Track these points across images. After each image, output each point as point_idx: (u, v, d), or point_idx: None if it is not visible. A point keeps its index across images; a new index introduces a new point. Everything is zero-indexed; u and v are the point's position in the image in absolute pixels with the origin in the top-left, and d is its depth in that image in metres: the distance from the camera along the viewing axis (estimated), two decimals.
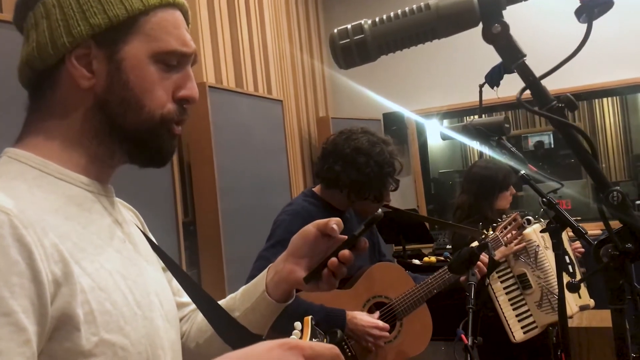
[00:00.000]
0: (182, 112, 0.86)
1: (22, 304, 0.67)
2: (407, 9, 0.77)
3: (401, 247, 4.17)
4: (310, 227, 0.99)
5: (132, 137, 0.83)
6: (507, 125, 1.60)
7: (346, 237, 0.96)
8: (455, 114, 5.39)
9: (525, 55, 0.75)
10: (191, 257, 3.01)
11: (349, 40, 0.78)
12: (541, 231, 2.33)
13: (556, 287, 2.49)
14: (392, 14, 0.77)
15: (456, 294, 2.43)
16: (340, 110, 5.34)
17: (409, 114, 5.11)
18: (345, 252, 0.93)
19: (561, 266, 1.54)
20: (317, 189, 2.14)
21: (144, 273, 0.87)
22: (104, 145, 0.84)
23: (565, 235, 2.58)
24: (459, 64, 4.89)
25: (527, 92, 0.76)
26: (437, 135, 1.95)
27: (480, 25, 0.78)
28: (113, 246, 0.83)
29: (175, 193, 2.72)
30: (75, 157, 0.82)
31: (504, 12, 0.75)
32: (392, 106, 5.06)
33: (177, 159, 2.85)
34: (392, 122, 5.12)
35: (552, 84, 0.77)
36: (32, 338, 0.68)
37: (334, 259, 0.94)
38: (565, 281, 1.67)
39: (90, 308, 0.73)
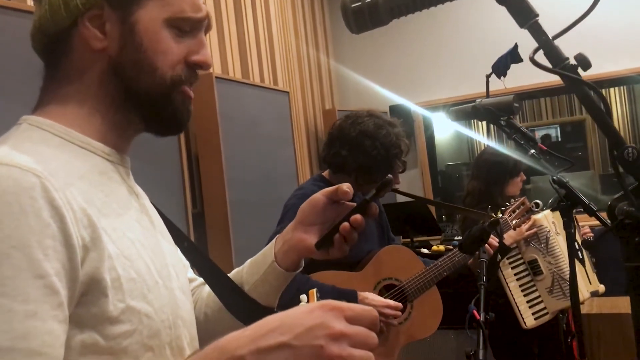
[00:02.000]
0: (193, 75, 0.86)
1: (55, 267, 0.66)
2: None
3: (409, 239, 4.16)
4: (319, 195, 0.98)
5: (146, 101, 0.83)
6: (516, 105, 1.60)
7: (355, 204, 0.95)
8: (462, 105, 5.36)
9: (537, 15, 0.75)
10: (200, 247, 3.01)
11: (360, 3, 0.78)
12: (552, 209, 2.32)
13: (568, 272, 2.48)
14: None
15: (463, 280, 2.43)
16: (347, 102, 5.33)
17: (415, 107, 5.10)
18: (357, 217, 0.93)
19: (572, 246, 1.53)
20: (325, 173, 2.14)
21: (160, 245, 0.87)
22: (121, 112, 0.83)
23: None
24: (466, 56, 4.88)
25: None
26: (444, 127, 1.94)
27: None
28: (132, 216, 0.83)
29: (185, 184, 2.73)
30: (94, 125, 0.82)
31: None
32: (399, 99, 5.05)
33: (185, 150, 2.86)
34: (399, 114, 5.10)
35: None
36: (64, 301, 0.67)
37: (345, 224, 0.93)
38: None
39: (117, 274, 0.73)
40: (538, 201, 2.31)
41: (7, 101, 1.78)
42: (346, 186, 0.95)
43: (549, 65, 0.73)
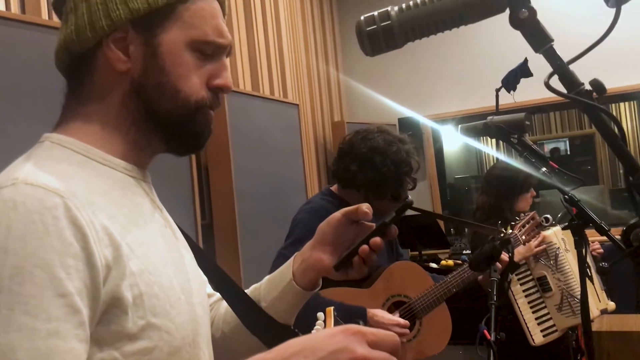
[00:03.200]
0: (216, 100, 0.86)
1: (77, 286, 0.67)
2: None
3: (417, 252, 4.15)
4: (338, 215, 0.98)
5: (167, 123, 0.83)
6: (528, 123, 1.59)
7: (374, 224, 0.96)
8: (471, 119, 5.34)
9: (552, 40, 0.75)
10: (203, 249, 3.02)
11: (375, 26, 0.78)
12: (563, 228, 2.31)
13: (577, 290, 2.46)
14: (419, 0, 0.78)
15: (474, 295, 2.41)
16: (355, 115, 5.34)
17: (424, 120, 5.10)
18: (377, 240, 0.93)
19: (583, 265, 1.52)
20: (334, 187, 2.14)
21: (183, 259, 0.88)
22: (142, 132, 0.84)
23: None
24: (475, 69, 4.88)
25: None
26: (453, 140, 1.94)
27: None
28: (157, 230, 0.84)
29: (194, 196, 2.74)
30: (115, 143, 0.83)
31: None
32: (407, 111, 5.05)
33: (195, 162, 2.87)
34: (408, 127, 5.11)
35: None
36: (86, 320, 0.68)
37: (365, 246, 0.93)
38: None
39: (139, 291, 0.74)
40: (548, 216, 2.30)
41: (26, 115, 1.80)
42: (365, 206, 0.95)
43: (564, 91, 0.73)
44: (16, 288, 0.64)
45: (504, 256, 1.87)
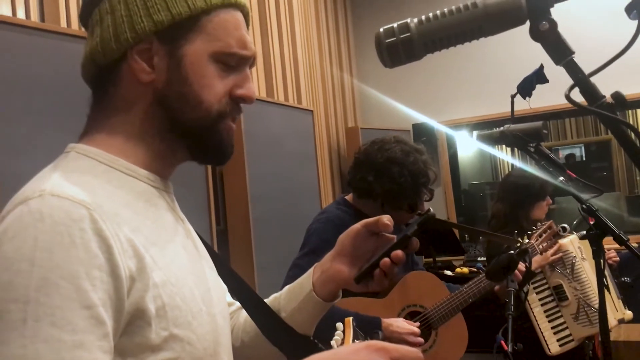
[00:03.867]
0: (237, 110, 0.87)
1: (101, 298, 0.68)
2: (453, 7, 0.77)
3: (431, 259, 4.13)
4: (359, 226, 0.98)
5: (191, 132, 0.84)
6: (545, 131, 1.58)
7: (395, 236, 0.95)
8: (485, 125, 5.34)
9: (573, 53, 0.75)
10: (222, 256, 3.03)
11: (395, 38, 0.78)
12: (581, 238, 2.29)
13: (594, 299, 2.44)
14: (438, 12, 0.78)
15: (491, 305, 2.39)
16: (370, 121, 5.34)
17: (439, 125, 5.08)
18: (399, 253, 0.92)
19: (602, 275, 1.51)
20: (349, 197, 2.13)
21: (204, 269, 0.89)
22: (166, 142, 0.85)
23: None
24: (489, 75, 4.86)
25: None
26: (468, 146, 1.93)
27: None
28: (178, 241, 0.84)
29: (210, 201, 2.75)
30: (139, 154, 0.84)
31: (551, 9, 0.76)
32: (422, 117, 5.04)
33: (211, 168, 2.88)
34: (422, 133, 5.10)
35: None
36: (110, 332, 0.69)
37: (386, 259, 0.93)
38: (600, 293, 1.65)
39: (162, 302, 0.74)
40: (565, 225, 2.28)
41: (47, 121, 1.82)
42: (386, 218, 0.95)
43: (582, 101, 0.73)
44: (43, 299, 0.65)
45: (521, 266, 1.86)
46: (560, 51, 0.75)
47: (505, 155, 6.29)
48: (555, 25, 0.74)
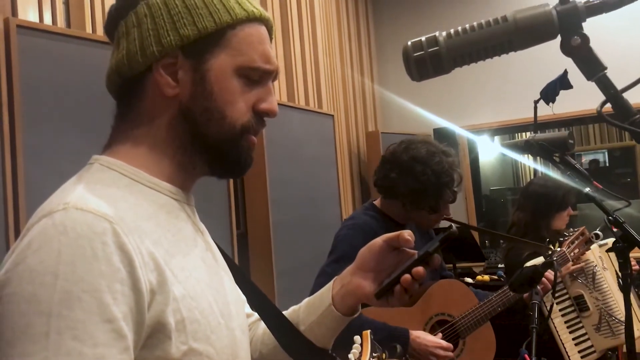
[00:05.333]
0: (260, 123, 0.87)
1: (122, 311, 0.69)
2: (482, 21, 0.76)
3: (451, 265, 4.09)
4: (379, 241, 0.97)
5: (213, 147, 0.84)
6: (571, 142, 1.56)
7: (416, 252, 0.94)
8: (507, 130, 5.30)
9: (606, 68, 0.73)
10: (243, 269, 3.04)
11: (423, 52, 0.77)
12: (607, 250, 2.25)
13: (616, 309, 2.40)
14: (467, 26, 0.77)
15: (518, 314, 2.36)
16: (390, 125, 5.32)
17: (460, 130, 5.05)
18: (419, 269, 0.91)
19: (628, 288, 1.48)
20: (377, 202, 2.12)
21: (223, 282, 0.89)
22: (188, 155, 0.85)
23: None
24: (512, 80, 4.82)
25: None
26: (489, 151, 1.91)
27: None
28: (198, 254, 0.85)
29: (230, 205, 2.76)
30: (162, 166, 0.84)
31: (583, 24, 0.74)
32: (443, 122, 5.01)
33: None
34: (443, 137, 5.06)
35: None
36: (131, 345, 0.69)
37: (407, 276, 0.92)
38: (622, 304, 1.61)
39: (181, 316, 0.75)
40: (599, 232, 2.23)
41: (72, 125, 1.84)
42: (407, 234, 0.94)
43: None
44: (65, 312, 0.66)
45: (550, 274, 1.82)
46: (592, 66, 0.74)
47: (527, 161, 6.22)
48: (587, 40, 0.73)
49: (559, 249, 2.26)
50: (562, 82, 3.62)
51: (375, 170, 2.12)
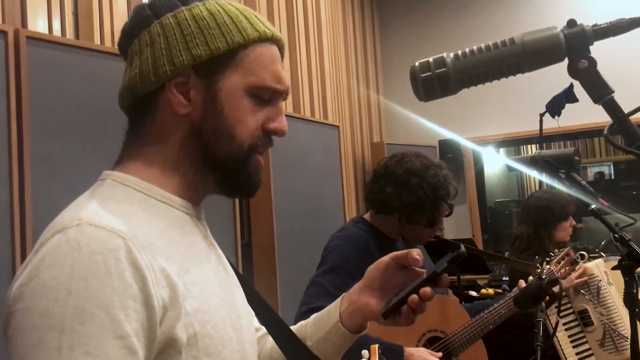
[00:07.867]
0: (268, 142, 0.88)
1: (134, 327, 0.69)
2: (490, 43, 0.77)
3: (455, 277, 4.08)
4: (387, 259, 0.97)
5: (223, 166, 0.85)
6: (577, 158, 1.56)
7: (424, 270, 0.94)
8: (512, 143, 5.30)
9: (613, 92, 0.74)
10: (247, 279, 3.04)
11: (430, 73, 0.78)
12: (613, 268, 2.24)
13: (620, 325, 2.38)
14: (475, 48, 0.77)
15: (518, 329, 2.35)
16: (395, 136, 5.33)
17: (465, 142, 5.05)
18: (427, 290, 0.90)
19: (635, 307, 1.47)
20: (367, 215, 2.09)
21: (235, 296, 0.89)
22: (199, 174, 0.86)
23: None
24: (517, 92, 4.82)
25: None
26: (494, 163, 1.91)
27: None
28: (211, 268, 0.85)
29: (235, 215, 2.77)
30: (173, 183, 0.85)
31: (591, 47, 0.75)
32: (448, 133, 5.01)
33: None
34: (448, 149, 5.07)
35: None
36: None
37: (414, 296, 0.91)
38: (627, 319, 1.60)
39: (193, 331, 0.75)
40: (584, 252, 2.24)
41: (80, 136, 1.85)
42: (416, 252, 0.94)
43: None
44: (78, 328, 0.66)
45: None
46: (599, 90, 0.74)
47: (532, 172, 6.21)
48: (594, 63, 0.73)
49: (547, 267, 2.25)
50: (568, 96, 3.61)
51: (367, 185, 2.08)
